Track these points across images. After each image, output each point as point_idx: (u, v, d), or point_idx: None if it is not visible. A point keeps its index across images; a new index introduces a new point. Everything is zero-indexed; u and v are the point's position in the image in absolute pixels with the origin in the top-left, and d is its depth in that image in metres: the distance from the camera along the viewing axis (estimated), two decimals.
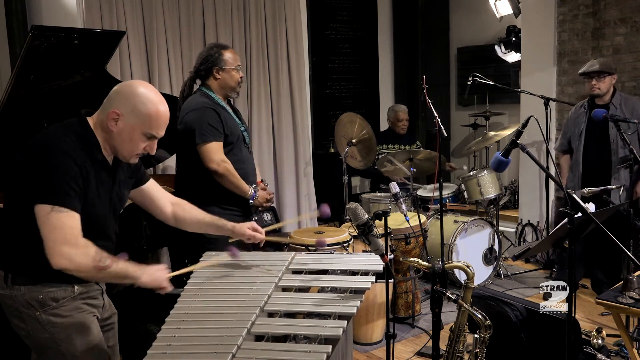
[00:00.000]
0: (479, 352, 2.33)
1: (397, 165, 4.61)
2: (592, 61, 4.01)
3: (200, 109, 2.95)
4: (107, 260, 1.80)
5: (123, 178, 2.06)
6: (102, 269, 1.79)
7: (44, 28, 2.96)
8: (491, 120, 6.15)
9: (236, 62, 3.07)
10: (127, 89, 1.90)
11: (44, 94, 3.09)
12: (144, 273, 1.88)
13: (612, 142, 3.98)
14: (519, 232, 5.40)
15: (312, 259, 2.38)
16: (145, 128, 1.88)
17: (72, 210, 1.78)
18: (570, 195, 2.08)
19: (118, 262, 1.83)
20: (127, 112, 1.86)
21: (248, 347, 1.71)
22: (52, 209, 1.75)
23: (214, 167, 2.92)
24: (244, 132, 3.13)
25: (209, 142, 2.93)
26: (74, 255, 1.75)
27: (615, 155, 3.97)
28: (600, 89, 3.95)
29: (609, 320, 3.48)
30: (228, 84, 3.06)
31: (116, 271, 1.82)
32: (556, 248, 2.93)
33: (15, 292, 1.88)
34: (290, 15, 5.25)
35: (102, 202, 1.93)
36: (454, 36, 7.09)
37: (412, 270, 3.97)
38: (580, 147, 4.09)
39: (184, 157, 3.11)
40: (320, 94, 6.43)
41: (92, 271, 1.79)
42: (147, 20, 4.49)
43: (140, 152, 1.94)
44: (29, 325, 1.90)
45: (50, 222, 1.75)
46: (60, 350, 1.91)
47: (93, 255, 1.78)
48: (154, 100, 1.89)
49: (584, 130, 4.08)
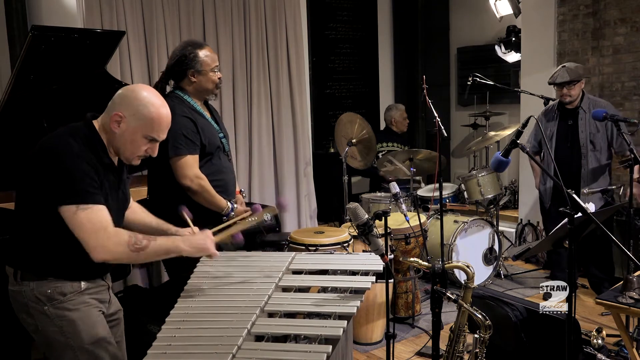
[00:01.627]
0: (479, 352, 2.33)
1: (397, 165, 4.61)
2: (561, 71, 3.97)
3: (173, 118, 2.61)
4: (144, 241, 1.87)
5: (125, 177, 2.12)
6: (140, 249, 1.86)
7: (44, 28, 2.96)
8: (491, 120, 6.15)
9: (214, 62, 2.77)
10: (130, 93, 1.95)
11: (44, 94, 3.09)
12: (186, 243, 1.93)
13: (582, 146, 4.02)
14: (519, 232, 5.40)
15: (312, 259, 2.38)
16: (147, 131, 1.94)
17: (96, 204, 1.84)
18: (570, 195, 2.08)
19: (156, 240, 1.90)
20: (129, 115, 1.92)
21: (248, 347, 1.71)
22: (77, 207, 1.82)
23: (187, 184, 2.67)
24: (222, 139, 2.87)
25: (183, 155, 2.66)
26: (108, 246, 1.82)
27: (586, 159, 4.02)
28: (571, 96, 3.98)
29: (609, 320, 3.48)
30: (205, 87, 2.78)
31: (155, 249, 1.89)
32: (556, 248, 2.94)
33: (24, 288, 1.93)
34: (290, 15, 5.25)
35: (112, 202, 1.98)
36: (454, 36, 7.09)
37: (412, 270, 3.97)
38: (551, 150, 4.13)
39: (156, 168, 2.82)
40: (320, 94, 6.43)
41: (132, 255, 1.86)
42: (147, 20, 4.49)
43: (142, 154, 1.99)
44: (38, 319, 1.94)
45: (78, 220, 1.82)
46: (68, 343, 1.94)
47: (127, 240, 1.85)
48: (155, 103, 1.94)
49: (554, 134, 4.13)
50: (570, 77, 3.92)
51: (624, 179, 4.13)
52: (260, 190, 5.15)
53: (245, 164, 5.07)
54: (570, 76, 3.92)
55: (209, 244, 1.98)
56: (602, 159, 4.02)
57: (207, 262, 2.30)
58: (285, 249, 3.61)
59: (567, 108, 4.07)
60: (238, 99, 5.00)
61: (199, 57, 2.73)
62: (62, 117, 3.01)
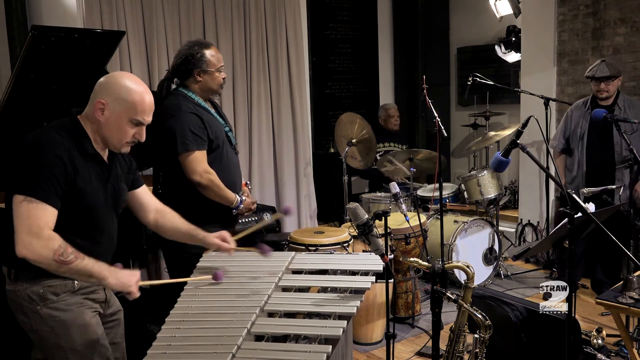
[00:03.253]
0: (479, 352, 2.33)
1: (397, 165, 4.61)
2: (600, 64, 3.88)
3: (180, 114, 2.68)
4: (71, 256, 1.81)
5: (120, 172, 2.10)
6: (64, 263, 1.80)
7: (44, 28, 2.96)
8: (491, 120, 6.15)
9: (219, 62, 2.79)
10: (109, 80, 1.96)
11: (44, 94, 3.09)
12: (112, 275, 1.86)
13: (615, 144, 3.92)
14: (519, 232, 5.40)
15: (312, 259, 2.38)
16: (131, 114, 1.93)
17: (44, 202, 1.82)
18: (570, 195, 2.08)
19: (83, 260, 1.83)
20: (111, 101, 1.92)
21: (248, 347, 1.71)
22: (25, 199, 1.80)
23: (197, 179, 2.68)
24: (228, 132, 2.89)
25: (192, 151, 2.67)
26: (35, 246, 1.78)
27: (619, 156, 3.92)
28: (609, 91, 3.88)
29: (609, 320, 3.48)
30: (209, 86, 2.79)
31: (78, 268, 1.83)
32: (556, 248, 2.94)
33: (18, 287, 1.93)
34: (290, 15, 5.25)
35: (96, 193, 1.96)
36: (454, 36, 7.09)
37: (412, 270, 3.97)
38: (582, 148, 4.02)
39: (163, 166, 2.88)
40: (320, 94, 6.43)
41: (53, 264, 1.80)
42: (147, 20, 4.49)
43: (130, 139, 1.98)
44: (32, 319, 1.95)
45: (20, 211, 1.80)
46: (60, 344, 1.94)
47: (55, 249, 1.79)
48: (136, 87, 1.94)
49: (586, 131, 4.01)
50: (610, 72, 3.82)
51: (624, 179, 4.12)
52: (261, 190, 5.15)
53: (245, 163, 5.06)
54: (610, 71, 3.82)
55: (133, 284, 1.89)
56: None
57: (207, 261, 2.30)
58: (285, 249, 3.61)
59: (602, 104, 3.95)
60: (238, 99, 5.00)
61: (205, 56, 2.74)
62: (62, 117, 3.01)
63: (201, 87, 2.79)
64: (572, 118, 4.12)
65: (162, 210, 2.27)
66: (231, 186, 2.82)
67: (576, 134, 4.07)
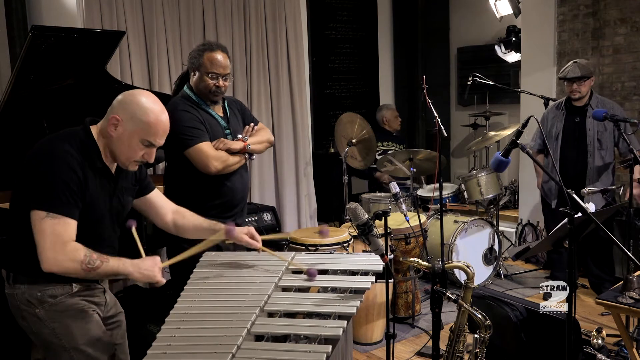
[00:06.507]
0: (479, 352, 2.33)
1: (397, 165, 4.61)
2: (572, 65, 3.96)
3: (172, 112, 2.56)
4: (97, 261, 1.86)
5: (126, 185, 2.11)
6: (92, 269, 1.85)
7: (44, 28, 2.96)
8: (491, 120, 6.15)
9: (212, 68, 2.72)
10: (128, 97, 1.95)
11: (44, 94, 3.09)
12: (135, 269, 1.92)
13: (589, 144, 4.00)
14: (519, 232, 5.40)
15: (312, 259, 2.38)
16: (144, 135, 1.94)
17: (66, 217, 1.84)
18: (570, 195, 2.08)
19: (108, 261, 1.89)
20: (126, 119, 1.92)
21: (248, 347, 1.71)
22: (47, 215, 1.82)
23: (212, 169, 2.69)
24: (228, 135, 2.86)
25: (194, 144, 2.68)
26: (61, 260, 1.82)
27: (592, 157, 4.00)
28: (581, 92, 3.96)
29: (609, 320, 3.48)
30: (198, 87, 2.78)
31: (106, 270, 1.89)
32: (556, 248, 2.94)
33: (17, 291, 1.94)
34: (290, 15, 5.25)
35: (100, 207, 1.98)
36: (454, 36, 7.08)
37: (412, 270, 3.97)
38: (557, 149, 4.10)
39: (169, 164, 2.92)
40: (320, 94, 6.43)
41: (81, 273, 1.85)
42: (147, 20, 4.49)
43: (139, 159, 1.99)
44: (31, 322, 1.95)
45: (43, 227, 1.82)
46: (62, 344, 1.95)
47: (81, 259, 1.84)
48: (154, 108, 1.94)
49: (560, 132, 4.10)
50: (582, 73, 3.90)
51: (624, 179, 4.13)
52: (260, 190, 5.15)
53: None
54: (581, 72, 3.90)
55: (157, 273, 1.94)
56: (607, 157, 4.01)
57: (206, 261, 2.30)
58: (285, 249, 3.61)
59: (575, 105, 4.04)
60: (238, 98, 4.99)
61: (202, 58, 2.75)
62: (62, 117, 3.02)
63: (196, 86, 2.80)
64: (548, 119, 4.20)
65: (179, 210, 2.28)
66: (229, 190, 2.82)
67: (551, 134, 4.15)
